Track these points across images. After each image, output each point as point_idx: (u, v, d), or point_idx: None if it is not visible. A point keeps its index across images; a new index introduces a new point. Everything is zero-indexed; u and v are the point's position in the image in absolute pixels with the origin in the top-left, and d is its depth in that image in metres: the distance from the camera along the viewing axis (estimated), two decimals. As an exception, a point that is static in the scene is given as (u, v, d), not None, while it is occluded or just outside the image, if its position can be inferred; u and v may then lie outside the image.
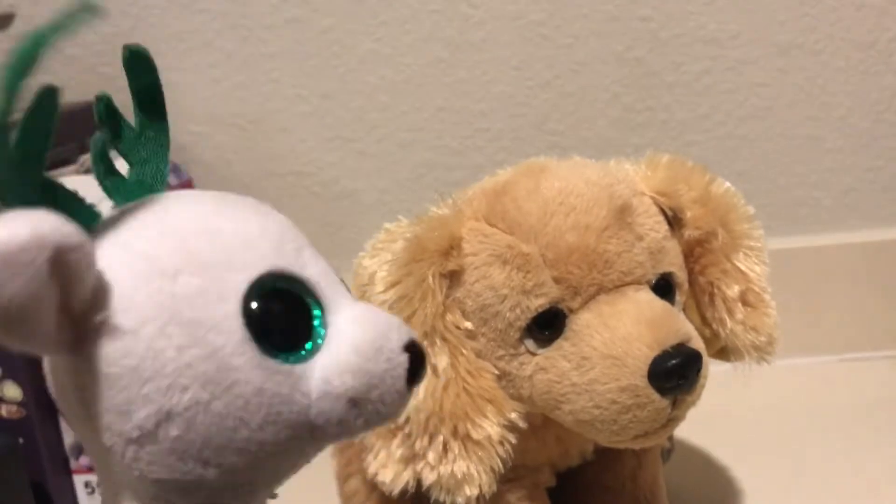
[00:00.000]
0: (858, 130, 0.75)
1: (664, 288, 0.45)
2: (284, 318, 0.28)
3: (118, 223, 0.28)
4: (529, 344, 0.44)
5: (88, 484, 0.61)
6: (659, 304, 0.44)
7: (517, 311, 0.43)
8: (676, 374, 0.41)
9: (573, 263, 0.43)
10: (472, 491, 0.43)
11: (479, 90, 0.76)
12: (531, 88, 0.75)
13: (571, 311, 0.43)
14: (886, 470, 0.60)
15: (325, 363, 0.28)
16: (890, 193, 0.76)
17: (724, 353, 0.49)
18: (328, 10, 0.75)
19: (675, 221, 0.47)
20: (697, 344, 0.43)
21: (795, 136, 0.75)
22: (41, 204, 0.25)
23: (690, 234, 0.47)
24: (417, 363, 0.29)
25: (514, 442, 0.44)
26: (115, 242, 0.27)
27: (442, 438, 0.43)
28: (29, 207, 0.24)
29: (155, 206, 0.29)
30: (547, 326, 0.43)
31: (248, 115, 0.77)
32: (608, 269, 0.43)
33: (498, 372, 0.45)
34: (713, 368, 0.45)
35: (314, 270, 0.29)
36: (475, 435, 0.43)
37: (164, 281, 0.26)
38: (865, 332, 0.76)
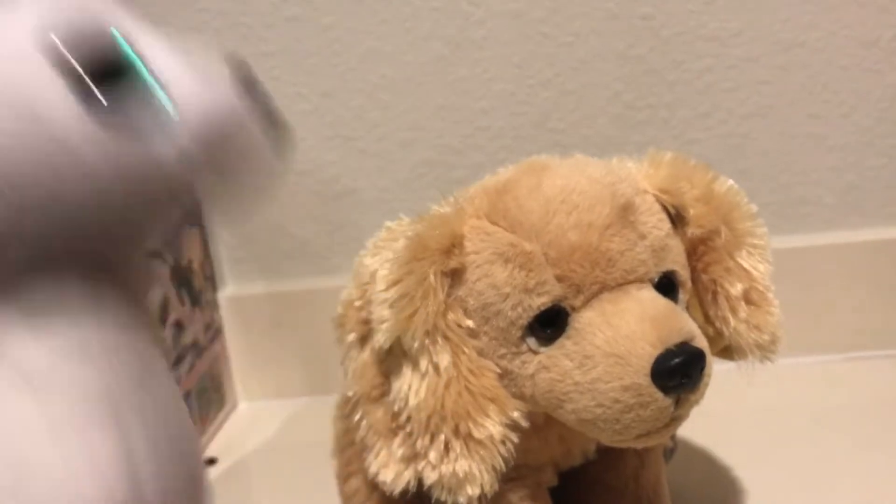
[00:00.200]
0: (861, 128, 0.75)
1: (667, 286, 0.45)
2: (108, 75, 0.26)
3: None
4: (531, 342, 0.44)
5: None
6: (662, 302, 0.43)
7: (519, 309, 0.43)
8: (680, 372, 0.41)
9: (575, 262, 0.43)
10: (473, 490, 0.43)
11: (479, 88, 0.76)
12: (532, 86, 0.75)
13: (574, 309, 0.43)
14: (891, 469, 0.60)
15: (167, 116, 0.27)
16: (893, 191, 0.76)
17: (727, 351, 0.49)
18: (328, 8, 0.74)
19: (677, 219, 0.47)
20: (701, 342, 0.43)
21: (797, 134, 0.75)
22: None
23: (693, 232, 0.47)
24: (253, 87, 0.28)
25: (516, 441, 0.44)
26: None
27: (443, 437, 0.43)
28: None
29: None
30: (549, 325, 0.43)
31: (248, 113, 0.77)
32: (611, 267, 0.43)
33: (500, 371, 0.44)
34: (716, 367, 0.45)
35: (127, 18, 0.28)
36: (477, 434, 0.43)
37: None
38: (869, 330, 0.76)
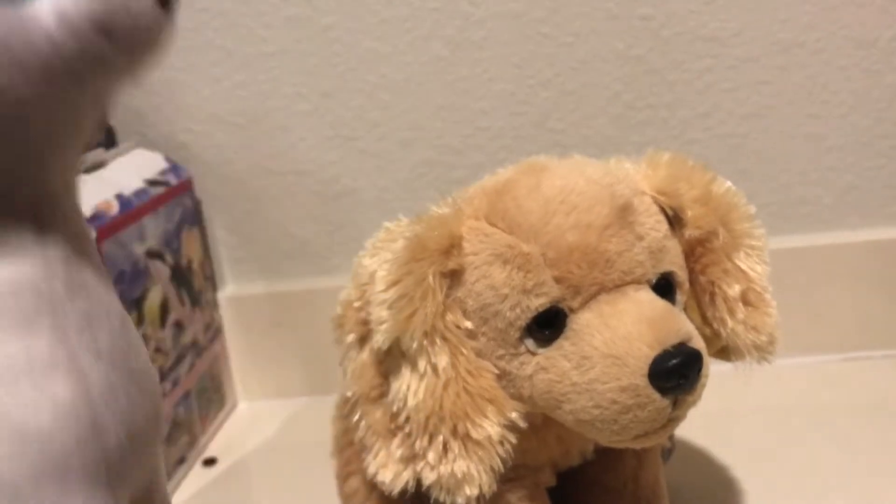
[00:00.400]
0: (860, 129, 0.75)
1: (665, 287, 0.45)
2: None
3: None
4: (530, 343, 0.44)
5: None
6: (660, 303, 0.44)
7: (517, 310, 0.43)
8: (677, 373, 0.41)
9: (574, 263, 0.43)
10: (472, 491, 0.43)
11: (479, 88, 0.76)
12: (532, 87, 0.75)
13: (572, 310, 0.43)
14: (889, 469, 0.60)
15: None
16: (891, 192, 0.76)
17: (724, 352, 0.49)
18: (328, 8, 0.74)
19: (675, 220, 0.47)
20: (698, 343, 0.43)
21: (796, 134, 0.75)
22: None
23: (691, 233, 0.47)
24: None
25: (514, 442, 0.44)
26: None
27: (442, 438, 0.43)
28: None
29: None
30: (547, 326, 0.43)
31: (248, 113, 0.77)
32: (609, 268, 0.43)
33: (498, 371, 0.45)
34: (717, 368, 0.45)
35: None
36: (475, 435, 0.43)
37: None
38: (867, 331, 0.76)
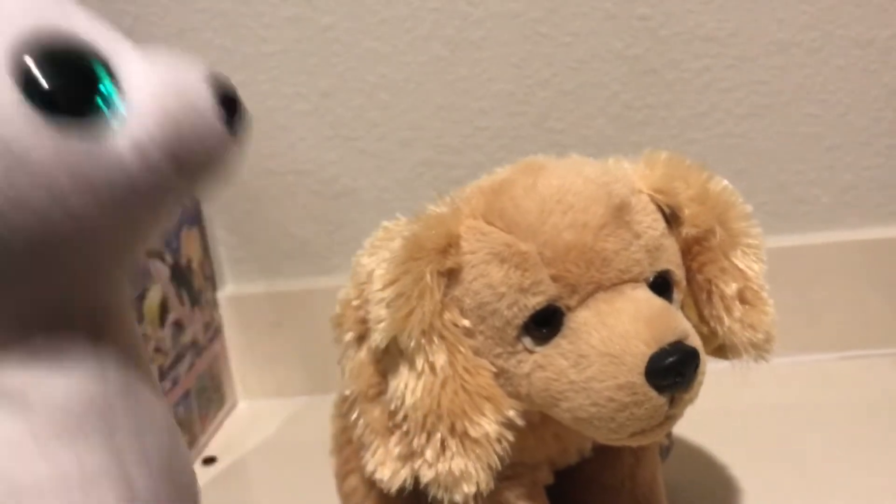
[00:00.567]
0: (857, 128, 0.75)
1: (662, 286, 0.45)
2: (63, 78, 0.25)
3: None
4: (527, 342, 0.44)
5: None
6: (657, 301, 0.44)
7: (515, 309, 0.43)
8: (674, 371, 0.41)
9: (571, 261, 0.43)
10: (469, 488, 0.44)
11: (478, 88, 0.76)
12: (531, 86, 0.75)
13: (569, 308, 0.43)
14: (887, 468, 0.60)
15: (124, 118, 0.25)
16: (889, 191, 0.76)
17: (721, 350, 0.49)
18: (328, 8, 0.75)
19: (672, 219, 0.47)
20: (695, 341, 0.43)
21: (794, 133, 0.75)
22: None
23: (688, 231, 0.47)
24: (229, 100, 0.26)
25: (511, 439, 0.44)
26: None
27: (440, 436, 0.43)
28: None
29: None
30: (545, 324, 0.43)
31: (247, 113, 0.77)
32: (606, 267, 0.43)
33: (496, 370, 0.45)
34: (714, 366, 0.45)
35: (82, 20, 0.26)
36: (473, 433, 0.43)
37: None
38: (865, 329, 0.76)
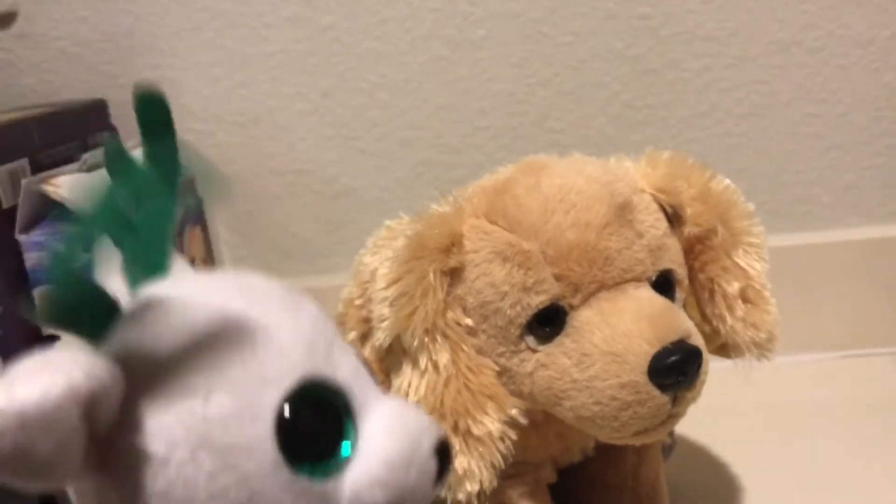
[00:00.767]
0: (858, 127, 0.75)
1: (664, 285, 0.45)
2: (316, 430, 0.26)
3: (138, 329, 0.26)
4: (530, 340, 0.44)
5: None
6: (659, 300, 0.44)
7: (518, 307, 0.43)
8: (676, 370, 0.41)
9: (573, 260, 0.43)
10: (472, 487, 0.44)
11: (479, 88, 0.76)
12: (531, 86, 0.75)
13: (572, 307, 0.43)
14: (888, 467, 0.60)
15: (355, 476, 0.26)
16: (890, 190, 0.76)
17: (724, 349, 0.49)
18: (328, 8, 0.75)
19: (675, 218, 0.47)
20: (697, 340, 0.43)
21: (795, 133, 0.76)
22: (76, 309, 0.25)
23: (690, 230, 0.47)
24: (446, 462, 0.28)
25: (514, 438, 0.44)
26: (140, 358, 0.25)
27: (443, 435, 0.43)
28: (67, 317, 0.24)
29: (177, 306, 0.26)
30: (547, 323, 0.44)
31: (248, 113, 0.77)
32: (608, 266, 0.43)
33: (498, 368, 0.45)
34: (716, 365, 0.45)
35: (346, 370, 0.27)
36: (476, 431, 0.43)
37: (195, 402, 0.25)
38: (866, 328, 0.76)
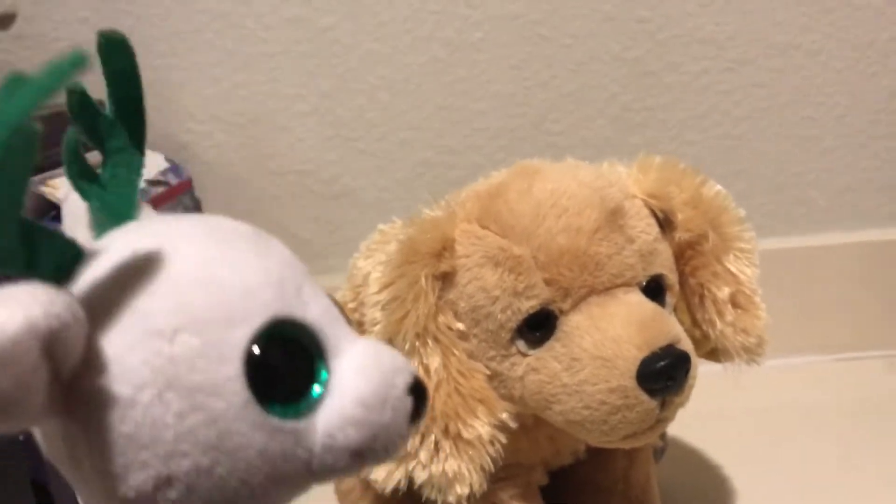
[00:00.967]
0: (855, 130, 0.75)
1: (655, 290, 0.45)
2: (286, 369, 0.26)
3: (102, 270, 0.26)
4: (521, 345, 0.44)
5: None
6: (649, 306, 0.44)
7: (508, 312, 0.44)
8: (665, 375, 0.42)
9: (564, 265, 0.43)
10: (462, 489, 0.44)
11: (477, 90, 0.76)
12: (530, 88, 0.76)
13: (562, 312, 0.44)
14: (879, 470, 0.60)
15: (327, 416, 0.26)
16: (886, 193, 0.76)
17: (714, 354, 0.49)
18: (328, 9, 0.75)
19: (666, 223, 0.47)
20: (686, 345, 0.43)
21: (792, 136, 0.76)
22: (21, 249, 0.23)
23: (681, 236, 0.47)
24: (421, 402, 0.28)
25: (504, 441, 0.45)
26: (104, 298, 0.25)
27: (433, 438, 0.44)
28: (10, 257, 0.23)
29: (147, 249, 0.26)
30: (538, 328, 0.44)
31: (248, 113, 0.78)
32: (599, 271, 0.43)
33: (489, 372, 0.45)
34: (708, 368, 0.45)
35: (316, 310, 0.27)
36: (466, 434, 0.44)
37: (161, 342, 0.24)
38: (860, 332, 0.76)
